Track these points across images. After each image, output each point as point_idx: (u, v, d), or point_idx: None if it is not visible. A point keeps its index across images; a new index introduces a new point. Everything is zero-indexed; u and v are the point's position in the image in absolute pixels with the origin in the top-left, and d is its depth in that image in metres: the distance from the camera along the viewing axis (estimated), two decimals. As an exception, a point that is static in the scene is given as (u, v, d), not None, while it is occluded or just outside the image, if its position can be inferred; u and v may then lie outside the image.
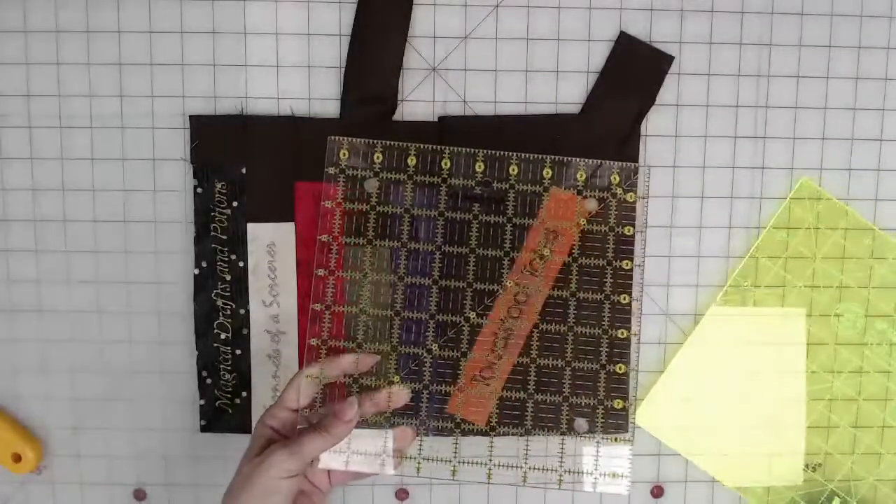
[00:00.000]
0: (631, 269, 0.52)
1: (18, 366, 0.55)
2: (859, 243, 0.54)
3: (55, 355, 0.55)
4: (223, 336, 0.54)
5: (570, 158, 0.51)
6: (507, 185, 0.52)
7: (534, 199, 0.52)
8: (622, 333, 0.52)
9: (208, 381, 0.54)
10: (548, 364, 0.52)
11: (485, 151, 0.52)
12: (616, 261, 0.52)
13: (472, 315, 0.52)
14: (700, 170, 0.54)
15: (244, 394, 0.54)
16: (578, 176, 0.52)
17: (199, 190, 0.53)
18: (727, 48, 0.53)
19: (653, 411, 0.56)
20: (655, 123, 0.53)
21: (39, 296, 0.54)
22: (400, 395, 0.50)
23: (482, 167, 0.52)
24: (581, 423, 0.52)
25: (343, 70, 0.52)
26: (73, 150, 0.53)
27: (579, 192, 0.52)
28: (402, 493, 0.56)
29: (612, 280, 0.52)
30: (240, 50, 0.52)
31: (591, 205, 0.52)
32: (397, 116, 0.53)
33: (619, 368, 0.52)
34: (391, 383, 0.51)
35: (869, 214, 0.55)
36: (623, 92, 0.53)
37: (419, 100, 0.53)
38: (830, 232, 0.54)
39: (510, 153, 0.51)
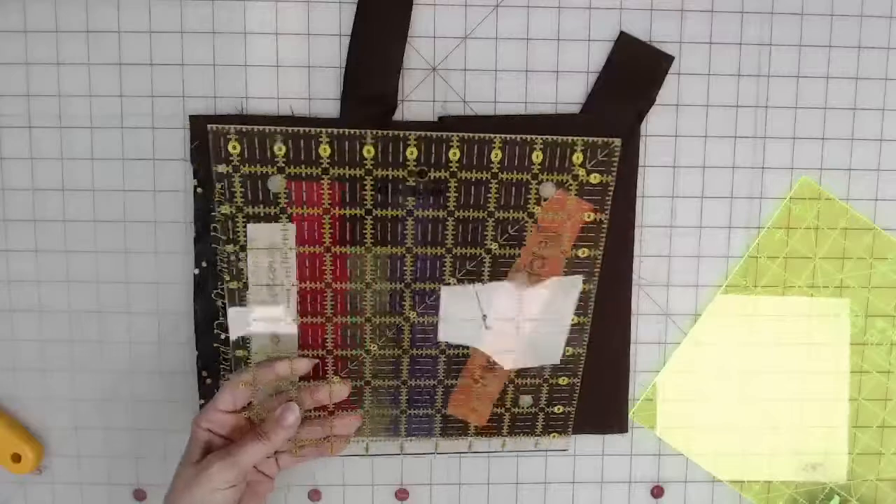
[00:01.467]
0: (588, 257, 0.51)
1: (18, 366, 0.55)
2: (859, 243, 0.55)
3: (55, 355, 0.55)
4: (223, 336, 0.54)
5: (524, 137, 0.46)
6: (448, 174, 0.47)
7: (480, 187, 0.47)
8: (574, 320, 0.52)
9: (208, 381, 0.54)
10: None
11: (417, 134, 0.45)
12: (574, 249, 0.51)
13: (413, 315, 0.51)
14: (700, 170, 0.54)
15: (244, 394, 0.54)
16: (534, 157, 0.46)
17: (199, 190, 0.53)
18: (727, 48, 0.53)
19: (653, 411, 0.56)
20: (655, 123, 0.53)
21: (39, 296, 0.54)
22: (341, 391, 0.51)
23: (415, 153, 0.46)
24: (526, 399, 0.54)
25: (343, 70, 0.52)
26: (73, 150, 0.53)
27: (534, 177, 0.48)
28: (401, 493, 0.56)
29: (565, 269, 0.51)
30: (240, 50, 0.52)
31: (547, 190, 0.48)
32: (397, 116, 0.53)
33: (567, 351, 0.53)
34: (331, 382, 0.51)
35: (869, 214, 0.55)
36: (623, 92, 0.53)
37: (419, 100, 0.53)
38: (830, 231, 0.54)
39: (450, 135, 0.45)
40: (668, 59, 0.53)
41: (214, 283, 0.53)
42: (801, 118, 0.54)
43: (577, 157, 0.48)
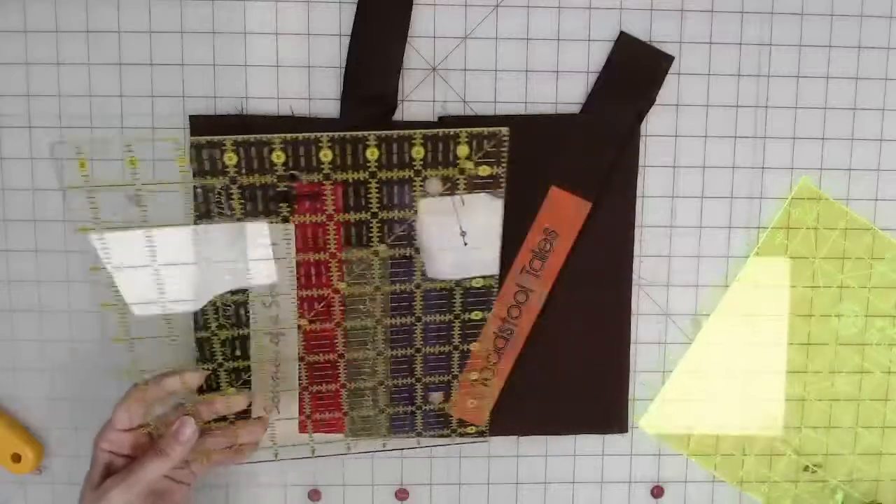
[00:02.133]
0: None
1: (18, 366, 0.55)
2: (859, 243, 0.55)
3: (55, 355, 0.55)
4: (223, 336, 0.54)
5: (401, 133, 0.44)
6: (321, 176, 0.44)
7: (359, 187, 0.44)
8: (476, 315, 0.52)
9: (208, 381, 0.54)
10: (399, 354, 0.52)
11: (283, 137, 0.43)
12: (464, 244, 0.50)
13: (304, 322, 0.51)
14: (700, 170, 0.54)
15: (244, 394, 0.54)
16: (414, 153, 0.44)
17: (199, 190, 0.53)
18: (727, 48, 0.53)
19: (653, 411, 0.56)
20: (655, 123, 0.53)
21: (39, 296, 0.54)
22: (237, 401, 0.51)
23: (282, 157, 0.43)
24: (436, 396, 0.54)
25: (343, 70, 0.52)
26: (73, 150, 0.53)
27: (417, 173, 0.46)
28: (401, 493, 0.56)
29: (465, 265, 0.51)
30: (240, 50, 0.52)
31: (433, 186, 0.45)
32: (397, 116, 0.53)
33: (472, 346, 0.52)
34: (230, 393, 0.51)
35: (869, 214, 0.55)
36: (623, 92, 0.53)
37: (419, 100, 0.53)
38: (830, 232, 0.54)
39: (319, 135, 0.42)
40: (668, 59, 0.53)
41: (214, 283, 0.53)
42: (801, 118, 0.54)
43: (463, 150, 0.45)
